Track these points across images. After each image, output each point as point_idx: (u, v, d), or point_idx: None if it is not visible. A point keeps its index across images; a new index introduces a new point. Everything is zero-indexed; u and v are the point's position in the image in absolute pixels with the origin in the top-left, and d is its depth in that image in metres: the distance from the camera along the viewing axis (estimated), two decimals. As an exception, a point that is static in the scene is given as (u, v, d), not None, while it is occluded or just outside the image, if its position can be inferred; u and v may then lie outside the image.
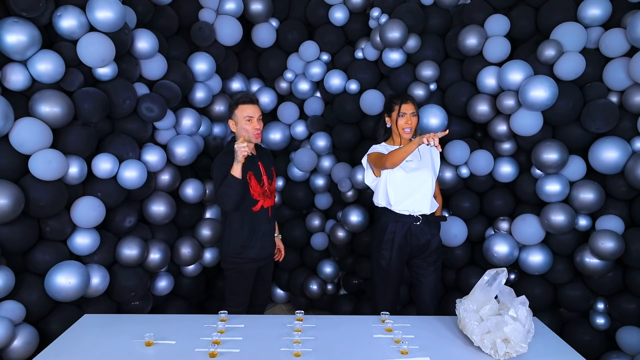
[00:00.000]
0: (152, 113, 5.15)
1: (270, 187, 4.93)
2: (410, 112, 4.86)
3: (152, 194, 5.46)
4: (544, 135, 5.44)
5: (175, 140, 5.61)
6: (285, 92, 6.95)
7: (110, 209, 4.95)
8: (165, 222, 5.56)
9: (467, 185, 6.15)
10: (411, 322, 4.04)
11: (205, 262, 6.13)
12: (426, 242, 4.91)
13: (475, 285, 3.77)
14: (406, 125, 4.85)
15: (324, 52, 6.59)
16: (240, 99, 4.77)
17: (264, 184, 4.86)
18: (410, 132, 4.87)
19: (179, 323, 3.97)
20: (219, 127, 6.42)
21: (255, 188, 4.79)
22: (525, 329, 3.50)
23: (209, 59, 5.91)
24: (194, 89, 5.92)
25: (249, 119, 4.69)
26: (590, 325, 5.52)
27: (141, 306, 5.32)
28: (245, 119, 4.70)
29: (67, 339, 3.66)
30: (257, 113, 4.73)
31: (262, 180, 4.85)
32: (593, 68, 5.26)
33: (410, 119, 4.86)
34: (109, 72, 4.79)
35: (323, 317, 4.20)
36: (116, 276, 5.00)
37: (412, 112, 4.87)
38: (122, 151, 4.96)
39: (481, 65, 5.74)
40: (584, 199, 5.23)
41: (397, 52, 6.00)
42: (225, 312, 4.05)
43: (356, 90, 6.36)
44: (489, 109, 5.64)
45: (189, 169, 5.98)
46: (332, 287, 7.06)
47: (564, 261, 5.57)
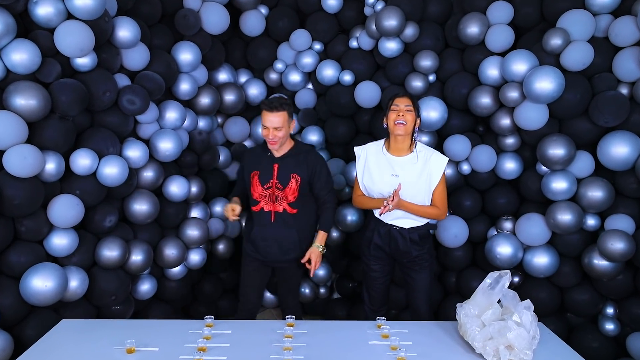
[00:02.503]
0: (133, 106, 5.14)
1: (281, 192, 4.90)
2: (404, 105, 4.67)
3: (133, 192, 5.45)
4: (550, 130, 5.45)
5: (158, 134, 5.60)
6: (275, 84, 6.97)
7: (89, 208, 4.94)
8: (148, 221, 5.55)
9: (468, 182, 6.16)
10: (409, 328, 4.05)
11: (191, 264, 6.11)
12: (405, 251, 4.90)
13: (477, 288, 3.78)
14: (398, 118, 4.64)
15: (316, 41, 6.61)
16: (262, 103, 4.84)
17: (271, 187, 4.88)
18: (403, 127, 4.64)
19: (163, 328, 3.98)
20: (204, 120, 6.39)
21: (256, 188, 4.87)
22: (530, 335, 3.51)
23: (194, 48, 5.90)
24: (179, 81, 5.91)
25: (265, 128, 4.76)
26: (599, 331, 5.55)
27: (122, 311, 5.31)
28: (262, 126, 4.81)
29: (43, 346, 3.67)
30: (274, 124, 4.72)
31: (270, 183, 4.88)
32: (602, 58, 5.28)
33: (404, 112, 4.66)
34: (88, 63, 4.78)
35: (315, 323, 4.21)
36: (96, 279, 4.98)
37: (407, 105, 4.68)
38: (102, 146, 4.94)
39: (483, 55, 5.75)
40: (592, 197, 5.25)
41: (394, 41, 6.01)
42: (212, 317, 4.06)
43: (350, 82, 6.38)
44: (491, 101, 5.66)
45: (173, 165, 5.95)
46: (324, 290, 7.08)
47: (571, 263, 5.58)
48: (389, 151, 4.82)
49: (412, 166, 4.73)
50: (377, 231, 4.94)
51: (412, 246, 4.85)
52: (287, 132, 4.82)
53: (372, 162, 4.86)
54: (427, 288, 5.01)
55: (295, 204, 4.90)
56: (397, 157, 4.76)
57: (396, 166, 4.73)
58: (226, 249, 6.69)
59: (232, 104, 6.58)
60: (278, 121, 4.72)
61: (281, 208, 4.93)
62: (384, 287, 5.17)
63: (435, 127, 5.90)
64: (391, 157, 4.78)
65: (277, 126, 4.72)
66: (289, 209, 4.94)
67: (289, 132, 4.89)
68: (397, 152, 4.78)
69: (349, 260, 6.93)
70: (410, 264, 4.95)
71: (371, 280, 5.13)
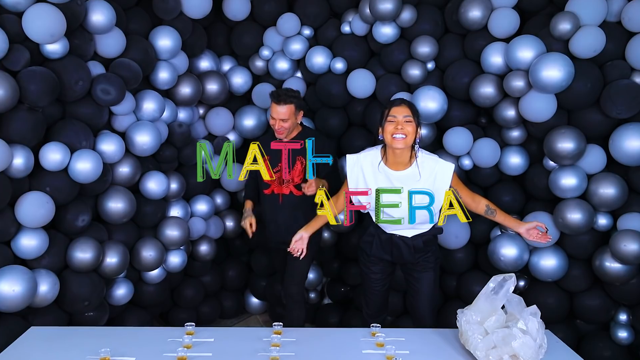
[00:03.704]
0: (108, 96, 5.13)
1: (287, 175, 5.37)
2: (403, 116, 4.46)
3: (108, 189, 5.42)
4: (558, 122, 5.44)
5: (135, 127, 5.57)
6: (261, 72, 6.96)
7: (60, 206, 4.92)
8: (124, 221, 5.53)
9: (470, 178, 6.17)
10: (406, 336, 4.06)
11: (170, 266, 6.10)
12: (409, 257, 4.89)
13: (479, 293, 3.79)
14: (396, 131, 4.42)
15: (306, 25, 6.59)
16: (270, 94, 5.44)
17: (280, 170, 5.33)
18: (403, 141, 4.43)
19: (140, 336, 3.99)
20: (184, 111, 6.38)
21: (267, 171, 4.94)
22: (536, 343, 3.52)
23: (173, 33, 5.88)
24: (157, 69, 5.89)
25: (273, 119, 5.36)
26: (611, 339, 5.56)
27: (96, 317, 5.30)
28: (270, 116, 5.40)
29: (10, 355, 3.66)
30: (280, 115, 5.29)
31: (279, 166, 5.37)
32: (614, 44, 5.28)
33: (403, 124, 4.43)
34: (59, 49, 4.77)
35: (304, 330, 4.23)
36: (67, 283, 4.96)
37: (405, 116, 4.47)
38: (74, 140, 4.93)
39: (486, 41, 5.73)
40: (603, 195, 5.24)
41: (390, 25, 6.00)
42: (193, 325, 4.06)
43: (342, 70, 6.38)
44: (494, 91, 5.63)
45: (151, 160, 5.93)
46: (315, 295, 7.09)
47: (580, 266, 5.60)
48: (387, 164, 4.64)
49: (415, 183, 4.53)
50: (378, 237, 4.92)
51: (416, 254, 4.85)
52: (293, 122, 5.41)
53: (369, 177, 4.68)
54: (431, 291, 5.00)
55: (301, 186, 5.25)
56: (397, 171, 4.60)
57: (396, 182, 4.56)
58: (208, 251, 6.65)
59: (215, 94, 6.56)
60: (284, 113, 5.29)
61: (287, 190, 5.52)
62: (385, 290, 5.18)
63: (434, 119, 5.87)
64: (390, 171, 4.61)
65: (283, 118, 5.30)
66: (295, 191, 5.51)
67: (297, 123, 5.49)
68: (396, 166, 4.59)
69: (340, 262, 6.94)
70: (412, 264, 4.94)
71: (370, 283, 5.12)
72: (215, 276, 7.05)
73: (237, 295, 7.39)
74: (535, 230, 4.65)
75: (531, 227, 4.66)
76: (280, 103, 5.25)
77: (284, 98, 5.25)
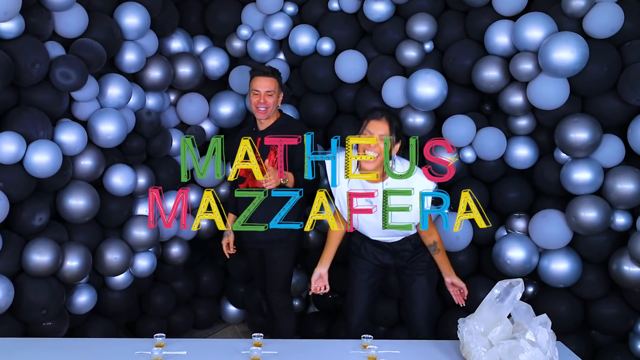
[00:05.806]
0: (68, 80, 5.12)
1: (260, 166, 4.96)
2: (379, 134, 4.45)
3: (68, 184, 5.42)
4: (571, 109, 5.46)
5: (98, 115, 5.57)
6: (239, 54, 6.95)
7: (15, 203, 4.90)
8: (86, 219, 5.53)
9: (473, 172, 6.21)
10: (400, 348, 4.08)
11: (137, 271, 6.11)
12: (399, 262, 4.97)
13: (483, 300, 3.81)
14: (367, 148, 4.43)
15: (289, 2, 6.59)
16: (252, 70, 5.59)
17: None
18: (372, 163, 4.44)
19: (104, 349, 3.99)
20: (154, 98, 6.38)
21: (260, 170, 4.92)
22: (546, 356, 3.55)
23: (141, 10, 5.86)
24: (123, 50, 5.87)
25: (256, 92, 5.42)
26: (629, 351, 5.58)
27: (55, 327, 5.31)
28: (253, 92, 5.47)
29: (-41, 371, 3.67)
30: (266, 87, 5.40)
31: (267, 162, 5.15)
32: (633, 22, 5.29)
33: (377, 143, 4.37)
34: (14, 28, 4.76)
35: (288, 342, 4.25)
36: (23, 289, 4.96)
37: (382, 135, 4.43)
38: (30, 129, 4.92)
39: (490, 19, 5.73)
40: (621, 190, 5.25)
41: (383, 2, 5.99)
42: (163, 336, 4.07)
43: (330, 51, 6.38)
44: (500, 74, 5.63)
45: (116, 152, 5.92)
46: (299, 303, 7.09)
47: (596, 270, 5.62)
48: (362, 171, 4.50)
49: None
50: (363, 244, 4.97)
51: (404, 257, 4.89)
52: (276, 101, 5.50)
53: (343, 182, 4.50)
54: (427, 298, 5.03)
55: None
56: (372, 183, 4.57)
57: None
58: (180, 254, 6.66)
59: (188, 78, 6.54)
60: (270, 85, 5.42)
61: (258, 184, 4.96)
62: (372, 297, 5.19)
63: (432, 107, 5.89)
64: (365, 181, 4.58)
65: (269, 90, 5.41)
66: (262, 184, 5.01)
67: (278, 105, 5.58)
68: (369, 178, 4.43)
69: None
70: (402, 268, 4.97)
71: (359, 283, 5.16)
72: (188, 282, 7.05)
73: (212, 302, 7.40)
74: (456, 289, 4.95)
75: (457, 285, 4.94)
76: (267, 75, 5.35)
77: (268, 71, 5.37)
